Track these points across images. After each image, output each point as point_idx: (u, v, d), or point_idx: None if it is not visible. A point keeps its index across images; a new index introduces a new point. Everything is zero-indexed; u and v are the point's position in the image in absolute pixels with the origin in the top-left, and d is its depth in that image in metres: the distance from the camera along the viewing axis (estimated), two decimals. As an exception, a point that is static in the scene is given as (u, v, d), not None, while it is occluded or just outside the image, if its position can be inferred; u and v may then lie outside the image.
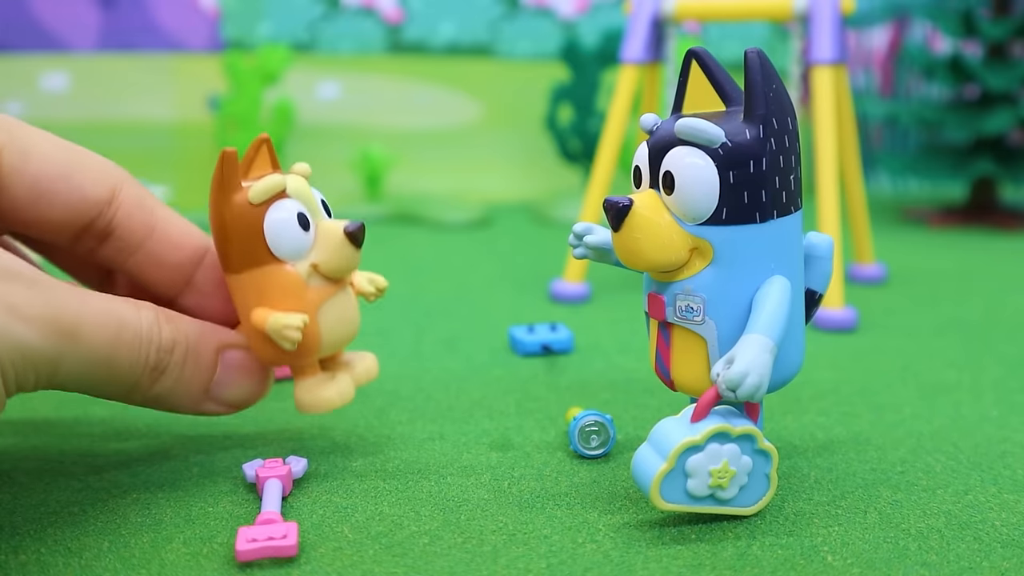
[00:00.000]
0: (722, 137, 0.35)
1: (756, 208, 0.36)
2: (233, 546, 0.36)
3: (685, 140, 0.36)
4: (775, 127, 0.36)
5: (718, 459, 0.36)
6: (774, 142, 0.36)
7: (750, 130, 0.36)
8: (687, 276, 0.37)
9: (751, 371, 0.34)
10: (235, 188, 0.40)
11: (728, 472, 0.36)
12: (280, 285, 0.40)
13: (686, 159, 0.36)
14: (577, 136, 1.20)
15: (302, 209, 0.40)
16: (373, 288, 0.44)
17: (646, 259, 0.37)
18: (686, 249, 0.37)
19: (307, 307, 0.40)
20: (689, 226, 0.36)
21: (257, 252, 0.40)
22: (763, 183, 0.36)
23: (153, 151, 1.25)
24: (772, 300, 0.36)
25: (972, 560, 0.35)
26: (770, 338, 0.35)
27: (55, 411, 0.51)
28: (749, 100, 0.36)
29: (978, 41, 1.09)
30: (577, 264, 0.75)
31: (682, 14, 0.75)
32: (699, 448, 0.36)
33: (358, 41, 1.28)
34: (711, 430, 0.36)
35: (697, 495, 0.36)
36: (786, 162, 0.36)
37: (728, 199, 0.36)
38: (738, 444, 0.36)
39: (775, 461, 0.37)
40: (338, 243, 0.40)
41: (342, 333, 0.42)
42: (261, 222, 0.39)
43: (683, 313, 0.37)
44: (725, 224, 0.36)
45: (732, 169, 0.35)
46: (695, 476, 0.36)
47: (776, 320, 0.36)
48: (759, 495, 0.38)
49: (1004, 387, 0.54)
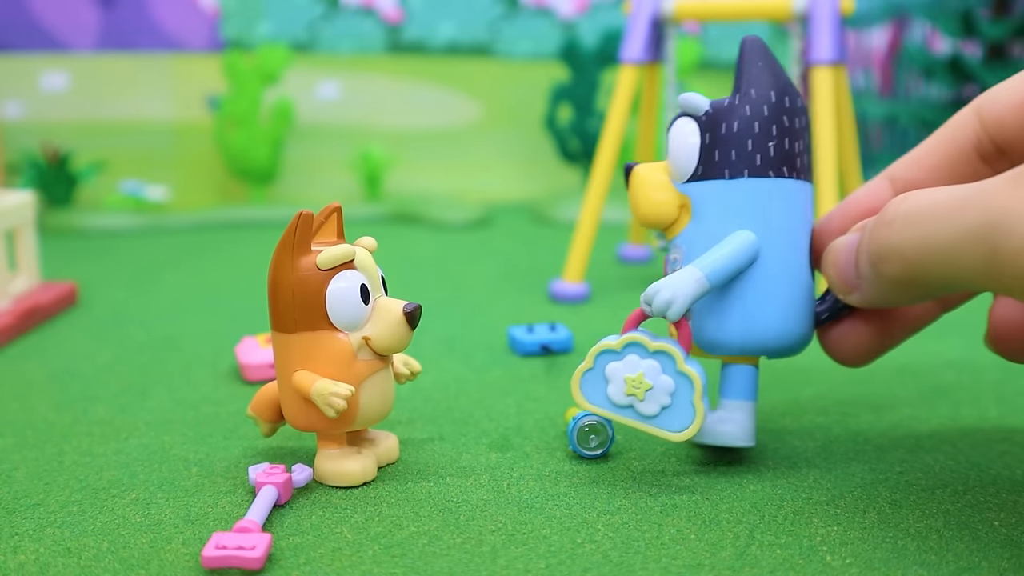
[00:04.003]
0: (705, 106, 0.41)
1: (725, 166, 0.40)
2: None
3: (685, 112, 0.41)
4: (752, 96, 0.40)
5: (635, 369, 0.40)
6: (749, 108, 0.40)
7: (729, 99, 0.41)
8: (678, 232, 0.42)
9: (664, 288, 0.39)
10: (305, 250, 0.40)
11: (643, 384, 0.40)
12: (330, 352, 0.40)
13: (679, 126, 0.42)
14: (577, 136, 1.20)
15: (365, 281, 0.41)
16: (408, 371, 0.45)
17: (640, 213, 0.42)
18: (675, 206, 0.41)
19: (353, 379, 0.40)
20: (678, 184, 0.41)
21: (314, 316, 0.40)
22: (733, 144, 0.40)
23: (153, 151, 1.25)
24: (723, 245, 0.40)
25: (971, 560, 0.35)
26: (699, 270, 0.39)
27: (55, 411, 0.51)
28: (736, 76, 0.41)
29: (977, 41, 1.09)
30: (577, 264, 0.75)
31: (682, 14, 0.75)
32: (616, 354, 0.40)
33: (358, 41, 1.28)
34: (627, 339, 0.40)
35: (616, 402, 0.40)
36: (763, 129, 0.40)
37: (704, 158, 0.41)
38: (658, 360, 0.40)
39: (698, 389, 0.39)
40: (395, 321, 0.41)
41: (379, 410, 0.42)
42: (324, 288, 0.40)
43: (672, 265, 0.42)
44: (700, 179, 0.41)
45: (708, 131, 0.41)
46: (612, 381, 0.40)
47: (717, 260, 0.39)
48: (685, 422, 0.40)
49: (1003, 388, 0.54)
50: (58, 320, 0.71)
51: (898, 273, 0.35)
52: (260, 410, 0.44)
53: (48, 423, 0.50)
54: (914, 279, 0.35)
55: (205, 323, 0.69)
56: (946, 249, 0.33)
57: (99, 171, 1.18)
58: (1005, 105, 0.38)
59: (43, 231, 1.08)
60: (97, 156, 1.22)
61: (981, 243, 0.31)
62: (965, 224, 0.32)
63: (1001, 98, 0.39)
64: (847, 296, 0.39)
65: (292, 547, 0.36)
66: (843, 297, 0.40)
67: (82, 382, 0.56)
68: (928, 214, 0.34)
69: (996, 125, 0.39)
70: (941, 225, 0.33)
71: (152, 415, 0.51)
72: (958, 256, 0.32)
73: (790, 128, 0.41)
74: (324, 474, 0.42)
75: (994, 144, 0.39)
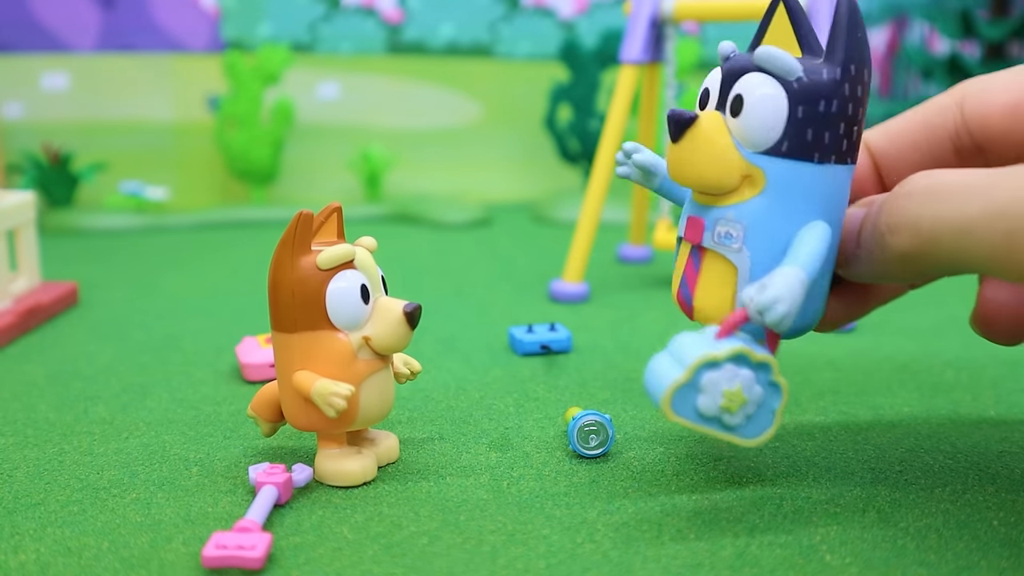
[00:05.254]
0: (799, 71, 0.36)
1: (817, 148, 0.36)
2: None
3: (762, 68, 0.36)
4: (852, 73, 0.36)
5: (733, 381, 0.36)
6: (848, 88, 0.36)
7: (828, 71, 0.36)
8: (733, 203, 0.37)
9: (782, 298, 0.34)
10: (305, 250, 0.40)
11: (740, 398, 0.36)
12: (330, 352, 0.40)
13: (759, 85, 0.36)
14: (576, 136, 1.20)
15: (365, 281, 0.41)
16: (408, 371, 0.45)
17: (698, 175, 0.37)
18: (739, 174, 0.37)
19: (353, 378, 0.40)
20: (748, 152, 0.37)
21: (314, 316, 0.40)
22: (829, 124, 0.36)
23: (153, 151, 1.25)
24: (814, 239, 0.36)
25: (970, 559, 0.35)
26: (802, 270, 0.35)
27: (56, 411, 0.51)
28: (833, 41, 0.36)
29: (976, 42, 1.09)
30: (576, 264, 0.75)
31: (681, 14, 0.75)
32: (718, 365, 0.35)
33: (358, 41, 1.28)
34: (733, 349, 0.35)
35: (706, 414, 0.36)
36: (855, 111, 0.36)
37: (792, 132, 0.36)
38: (755, 372, 0.36)
39: (785, 398, 0.37)
40: (395, 321, 0.41)
41: (379, 409, 0.42)
42: (325, 288, 0.40)
43: (721, 239, 0.37)
44: (784, 156, 0.36)
45: (802, 104, 0.36)
46: (708, 393, 0.35)
47: (814, 259, 0.36)
48: (761, 429, 0.37)
49: (1002, 387, 0.54)
50: (59, 320, 0.71)
51: (907, 246, 0.35)
52: (260, 410, 0.44)
53: (49, 423, 0.50)
54: (921, 254, 0.35)
55: (205, 323, 0.69)
56: (965, 225, 0.33)
57: (99, 171, 1.18)
58: (993, 105, 0.38)
59: (44, 231, 1.08)
60: (97, 156, 1.22)
61: (1002, 221, 0.31)
62: (991, 201, 0.32)
63: (988, 97, 0.38)
64: (842, 268, 0.39)
65: (292, 547, 0.36)
66: (838, 269, 0.39)
67: (83, 382, 0.56)
68: (955, 188, 0.33)
69: (980, 123, 0.38)
70: (966, 200, 0.33)
71: (152, 415, 0.51)
72: (976, 233, 0.32)
73: (866, 108, 0.37)
74: (324, 474, 0.42)
75: (974, 141, 0.39)
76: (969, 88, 0.39)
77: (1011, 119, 0.38)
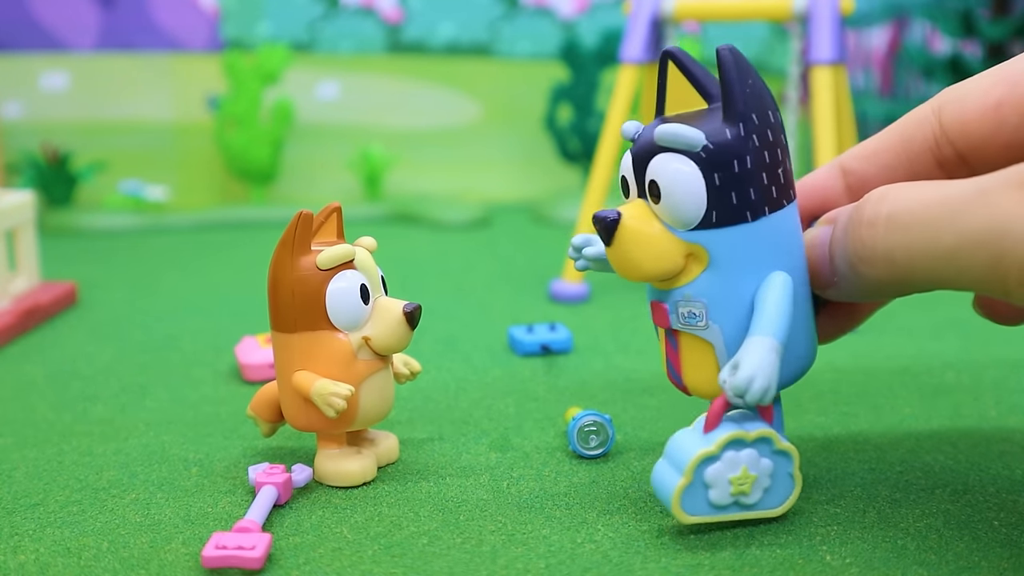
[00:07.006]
0: (703, 140, 0.35)
1: (746, 207, 0.35)
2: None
3: (667, 147, 0.35)
4: (755, 123, 0.35)
5: (736, 466, 0.36)
6: (756, 138, 0.35)
7: (730, 129, 0.35)
8: (686, 282, 0.36)
9: (757, 375, 0.34)
10: (305, 250, 0.40)
11: (748, 478, 0.36)
12: (330, 352, 0.40)
13: (670, 166, 0.35)
14: (576, 136, 1.20)
15: (365, 281, 0.41)
16: (408, 371, 0.45)
17: (641, 270, 0.36)
18: (681, 256, 0.36)
19: (353, 379, 0.40)
20: (681, 232, 0.36)
21: (314, 316, 0.40)
22: (750, 181, 0.35)
23: (153, 151, 1.25)
24: (772, 298, 0.35)
25: (970, 559, 0.35)
26: (774, 337, 0.35)
27: (55, 411, 0.51)
28: (727, 98, 0.35)
29: (977, 41, 1.09)
30: (576, 264, 0.75)
31: (681, 14, 0.75)
32: (715, 458, 0.35)
33: (358, 41, 1.28)
34: (725, 438, 0.35)
35: (720, 504, 0.36)
36: (772, 157, 0.35)
37: (716, 202, 0.35)
38: (755, 448, 0.36)
39: (796, 459, 0.37)
40: (395, 321, 0.41)
41: (379, 409, 0.42)
42: (324, 288, 0.40)
43: (686, 319, 0.37)
44: (716, 227, 0.35)
45: (717, 171, 0.35)
46: (715, 486, 0.36)
47: (778, 318, 0.35)
48: (785, 495, 0.37)
49: (1002, 388, 0.54)
50: (58, 320, 0.71)
51: (885, 276, 0.34)
52: (260, 410, 0.44)
53: (48, 423, 0.50)
54: (902, 281, 0.34)
55: (205, 323, 0.69)
56: (944, 255, 0.32)
57: (99, 171, 1.18)
58: (971, 110, 0.36)
59: (43, 231, 1.08)
60: (97, 156, 1.22)
61: (984, 249, 0.31)
62: (965, 231, 0.31)
63: (966, 102, 0.37)
64: (824, 292, 0.38)
65: (292, 547, 0.36)
66: (820, 292, 0.38)
67: (82, 382, 0.56)
68: (919, 218, 0.32)
69: (959, 131, 0.37)
70: (937, 231, 0.32)
71: (152, 415, 0.51)
72: (958, 262, 0.31)
73: (785, 146, 0.36)
74: (324, 474, 0.42)
75: (955, 150, 0.37)
76: (945, 97, 0.38)
77: (991, 123, 0.36)
